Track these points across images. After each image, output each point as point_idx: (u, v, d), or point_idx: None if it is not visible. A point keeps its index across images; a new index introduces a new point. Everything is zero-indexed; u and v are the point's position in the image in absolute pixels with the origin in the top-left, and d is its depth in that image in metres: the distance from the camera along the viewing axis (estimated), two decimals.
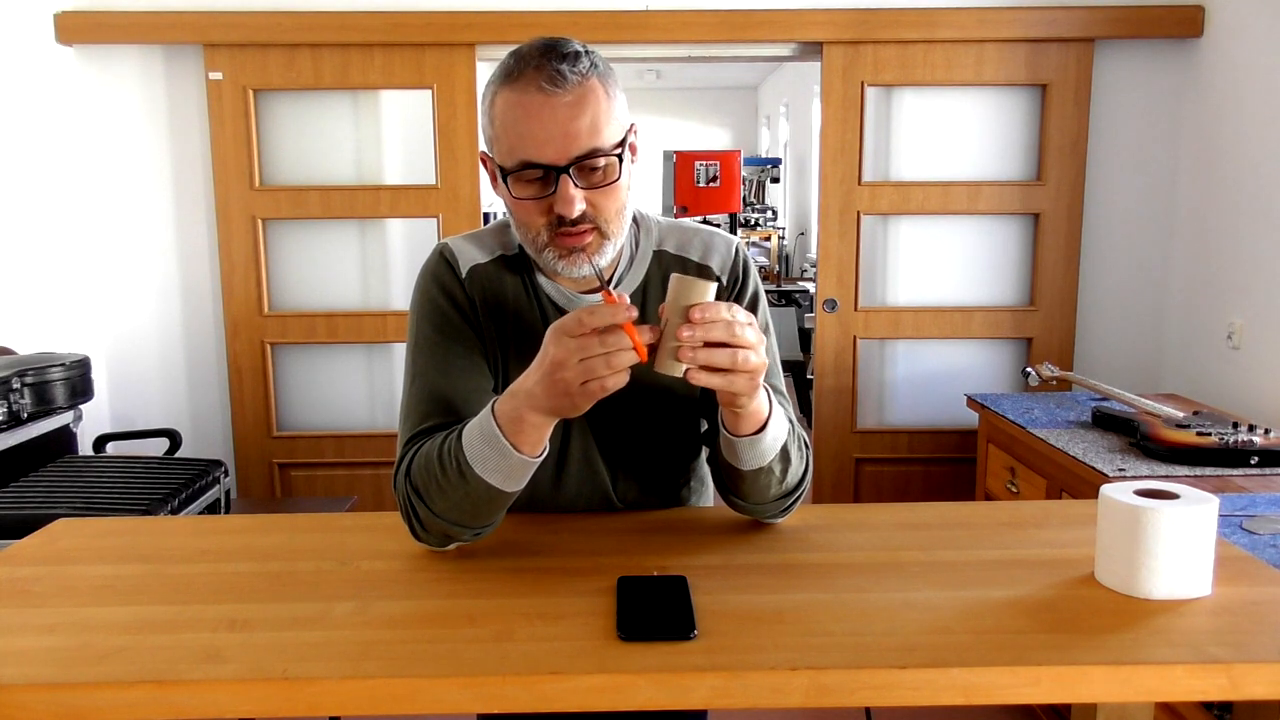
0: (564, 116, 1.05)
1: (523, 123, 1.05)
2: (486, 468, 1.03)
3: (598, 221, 1.10)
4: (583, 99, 1.06)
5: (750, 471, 1.10)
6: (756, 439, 1.08)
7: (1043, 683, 0.84)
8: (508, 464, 1.03)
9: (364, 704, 0.84)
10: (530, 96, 1.05)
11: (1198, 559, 0.97)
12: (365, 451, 3.35)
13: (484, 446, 1.03)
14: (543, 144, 1.05)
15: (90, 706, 0.83)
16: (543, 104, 1.05)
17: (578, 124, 1.05)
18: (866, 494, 3.41)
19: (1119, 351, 3.32)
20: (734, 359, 0.95)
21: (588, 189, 1.08)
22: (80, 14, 3.04)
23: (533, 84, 1.05)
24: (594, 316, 0.93)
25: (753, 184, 8.48)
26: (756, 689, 0.84)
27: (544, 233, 1.10)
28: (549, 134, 1.05)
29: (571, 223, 1.08)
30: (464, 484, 1.04)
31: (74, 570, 1.10)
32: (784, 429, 1.11)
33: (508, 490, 1.05)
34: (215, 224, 3.22)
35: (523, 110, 1.06)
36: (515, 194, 1.09)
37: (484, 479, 1.03)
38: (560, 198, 1.06)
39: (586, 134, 1.06)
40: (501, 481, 1.04)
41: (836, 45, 3.16)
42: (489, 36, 3.10)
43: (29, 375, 2.42)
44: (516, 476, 1.05)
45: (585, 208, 1.08)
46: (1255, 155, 2.78)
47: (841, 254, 3.29)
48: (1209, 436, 2.18)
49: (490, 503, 1.06)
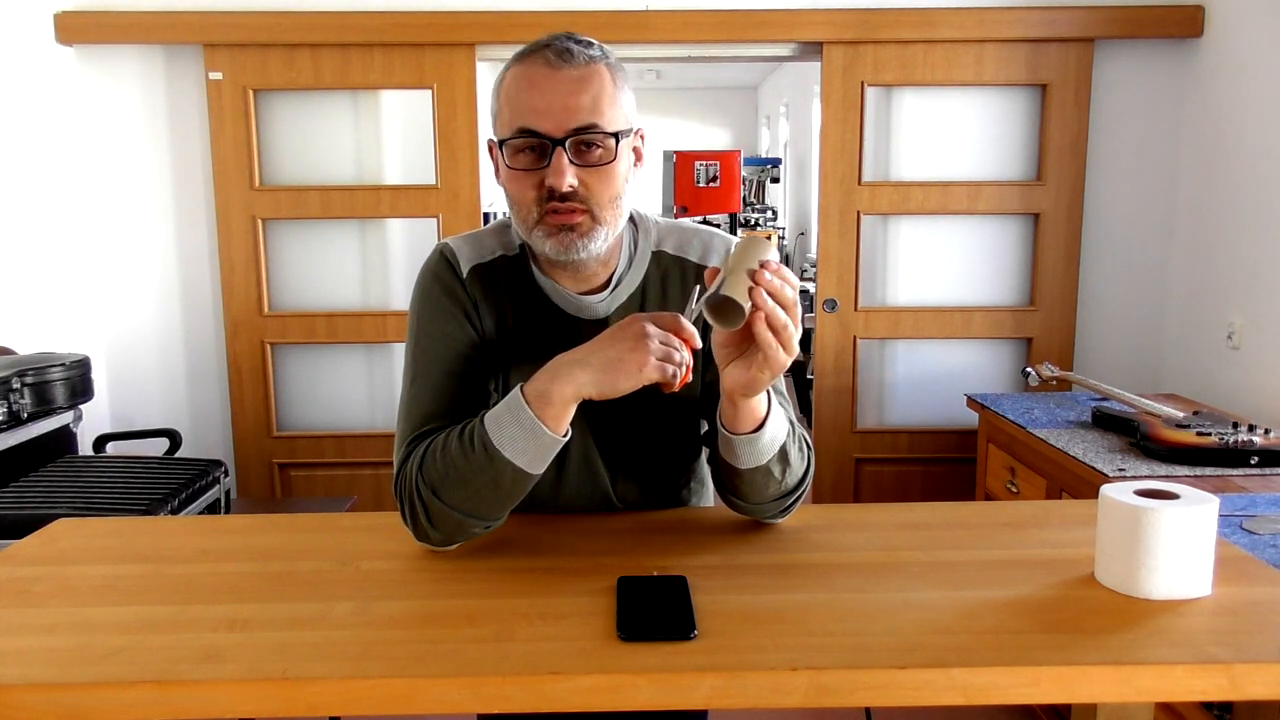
0: (566, 90, 1.07)
1: (525, 92, 1.08)
2: (515, 449, 1.03)
3: (589, 204, 1.10)
4: (588, 77, 1.08)
5: (748, 470, 1.10)
6: (754, 437, 1.08)
7: (1042, 683, 0.84)
8: (538, 443, 1.04)
9: (364, 704, 0.84)
10: (536, 68, 1.08)
11: (1198, 559, 0.97)
12: (365, 451, 3.35)
13: (513, 426, 1.03)
14: (542, 113, 1.07)
15: (90, 706, 0.83)
16: (547, 75, 1.07)
17: (579, 99, 1.07)
18: (866, 494, 3.41)
19: (1119, 351, 3.32)
20: (787, 328, 0.98)
21: (582, 166, 1.09)
22: (80, 14, 3.04)
23: (541, 58, 1.08)
24: (680, 319, 1.02)
25: (753, 184, 8.48)
26: (756, 689, 0.84)
27: (534, 209, 1.11)
28: (549, 104, 1.07)
29: (562, 198, 1.08)
30: (490, 467, 1.04)
31: (74, 570, 1.10)
32: (783, 429, 1.11)
33: (531, 472, 1.06)
34: (215, 224, 3.22)
35: (527, 80, 1.08)
36: (510, 163, 1.10)
37: (510, 461, 1.04)
38: (553, 169, 1.07)
39: (587, 110, 1.07)
40: (528, 463, 1.04)
41: (836, 45, 3.16)
42: (489, 36, 3.10)
43: (29, 375, 2.42)
44: (543, 455, 1.05)
45: (578, 186, 1.09)
46: (1255, 155, 2.78)
47: (841, 254, 3.29)
48: (1209, 436, 2.18)
49: (513, 486, 1.06)
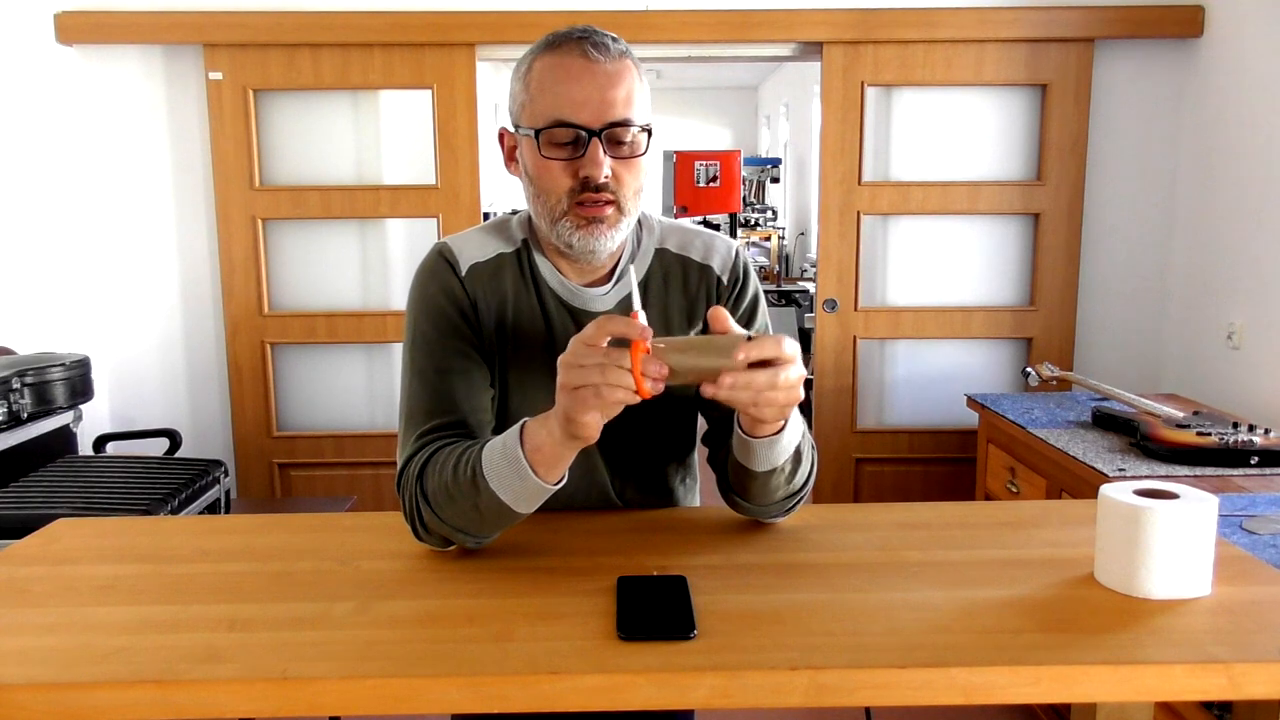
0: (604, 83, 1.09)
1: (563, 83, 1.09)
2: (501, 485, 1.02)
3: (618, 195, 1.12)
4: (621, 72, 1.10)
5: (762, 473, 1.10)
6: (773, 440, 1.08)
7: (1042, 682, 0.84)
8: (524, 486, 1.02)
9: (364, 704, 0.84)
10: (574, 59, 1.09)
11: (1197, 559, 0.97)
12: (365, 451, 3.35)
13: (504, 464, 1.02)
14: (580, 105, 1.09)
15: (90, 706, 0.83)
16: (584, 68, 1.09)
17: (615, 92, 1.09)
18: (866, 494, 3.41)
19: (1119, 351, 3.32)
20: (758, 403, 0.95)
21: (614, 159, 1.11)
22: (80, 14, 3.04)
23: (577, 49, 1.10)
24: (610, 323, 0.92)
25: (753, 184, 8.48)
26: (756, 689, 0.84)
27: (565, 200, 1.12)
28: (587, 96, 1.09)
29: (595, 189, 1.10)
30: (476, 496, 1.04)
31: (74, 570, 1.10)
32: (799, 431, 1.11)
33: (518, 510, 1.05)
34: (215, 224, 3.22)
35: (564, 71, 1.09)
36: (545, 154, 1.11)
37: (498, 496, 1.03)
38: (589, 159, 1.09)
39: (622, 103, 1.10)
40: (513, 500, 1.03)
41: (836, 45, 3.16)
42: (489, 36, 3.10)
43: (29, 375, 2.42)
44: (529, 499, 1.04)
45: (610, 177, 1.11)
46: (1255, 155, 2.78)
47: (841, 254, 3.29)
48: (1209, 436, 2.18)
49: (498, 518, 1.06)
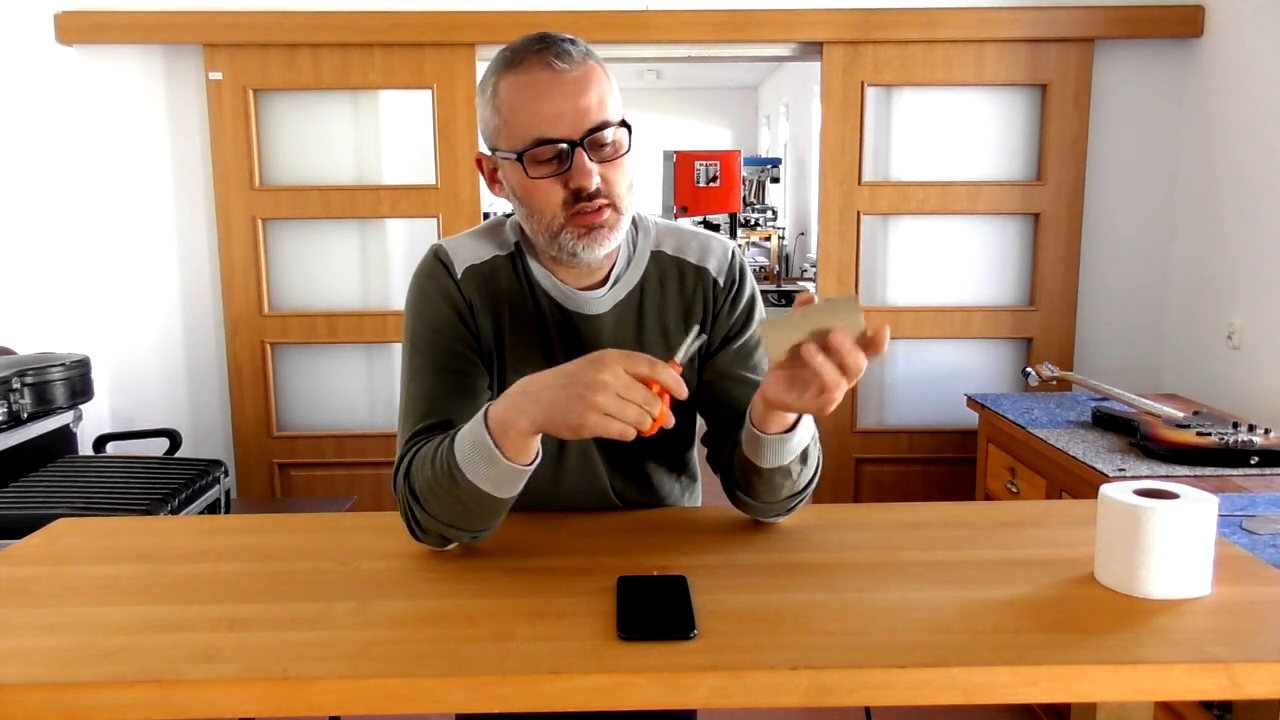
0: (573, 91, 1.07)
1: (534, 101, 1.07)
2: (477, 474, 1.02)
3: (611, 197, 1.11)
4: (588, 75, 1.09)
5: (769, 470, 1.10)
6: (785, 437, 1.08)
7: (1042, 682, 0.84)
8: (497, 471, 1.02)
9: (364, 704, 0.84)
10: (538, 75, 1.07)
11: (1197, 559, 0.97)
12: (365, 451, 3.35)
13: (473, 452, 1.02)
14: (556, 119, 1.07)
15: (90, 706, 0.83)
16: (551, 81, 1.07)
17: (587, 98, 1.08)
18: (866, 494, 3.41)
19: (1119, 351, 3.32)
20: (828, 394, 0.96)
21: (600, 163, 1.10)
22: (80, 14, 3.04)
23: (538, 64, 1.07)
24: (656, 369, 0.94)
25: (753, 184, 8.48)
26: (756, 689, 0.84)
27: (561, 214, 1.11)
28: (560, 109, 1.07)
29: (589, 197, 1.09)
30: (455, 488, 1.03)
31: (74, 570, 1.10)
32: (810, 430, 1.11)
33: (500, 497, 1.04)
34: (215, 224, 3.22)
35: (532, 90, 1.07)
36: (531, 174, 1.09)
37: (475, 484, 1.02)
38: (577, 169, 1.08)
39: (596, 108, 1.08)
40: (493, 488, 1.03)
41: (836, 45, 3.16)
42: (489, 36, 3.10)
43: (29, 375, 2.42)
44: (507, 483, 1.03)
45: (600, 182, 1.09)
46: (1255, 155, 2.78)
47: (841, 254, 3.29)
48: (1209, 436, 2.18)
49: (484, 508, 1.05)
